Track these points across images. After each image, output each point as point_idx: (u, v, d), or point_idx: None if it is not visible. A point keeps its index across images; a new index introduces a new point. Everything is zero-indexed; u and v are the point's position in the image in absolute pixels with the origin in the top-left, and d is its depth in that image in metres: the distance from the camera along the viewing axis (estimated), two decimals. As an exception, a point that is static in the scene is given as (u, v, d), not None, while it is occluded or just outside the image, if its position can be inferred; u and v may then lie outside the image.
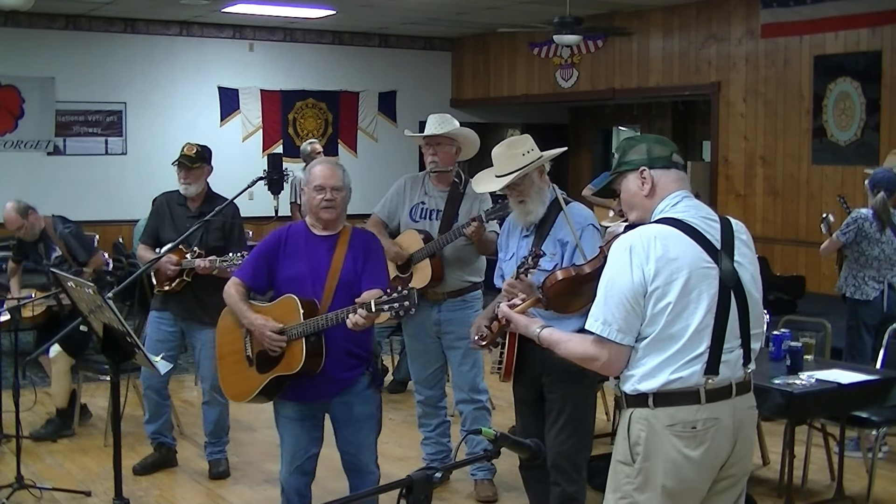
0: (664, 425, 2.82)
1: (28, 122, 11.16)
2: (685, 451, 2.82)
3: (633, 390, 2.86)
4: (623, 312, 2.79)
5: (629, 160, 3.01)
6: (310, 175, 4.04)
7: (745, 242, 2.95)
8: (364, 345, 3.99)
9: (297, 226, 4.13)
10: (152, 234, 5.57)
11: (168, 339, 5.53)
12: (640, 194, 2.98)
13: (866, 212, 6.38)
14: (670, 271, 2.78)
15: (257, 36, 12.45)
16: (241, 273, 4.13)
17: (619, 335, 2.80)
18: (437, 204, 5.18)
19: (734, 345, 2.86)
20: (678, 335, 2.79)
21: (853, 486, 5.39)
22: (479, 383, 5.26)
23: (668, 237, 2.82)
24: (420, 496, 2.16)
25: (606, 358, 2.84)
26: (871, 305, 6.36)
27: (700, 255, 2.81)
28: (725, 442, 2.87)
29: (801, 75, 9.51)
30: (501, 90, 13.11)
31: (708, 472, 2.88)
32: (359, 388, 4.00)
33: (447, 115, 5.25)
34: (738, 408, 2.89)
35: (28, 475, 5.24)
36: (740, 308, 2.85)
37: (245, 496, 5.40)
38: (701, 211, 2.93)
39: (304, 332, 3.83)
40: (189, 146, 5.51)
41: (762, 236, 9.88)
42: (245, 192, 5.06)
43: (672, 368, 2.80)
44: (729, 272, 2.84)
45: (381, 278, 3.93)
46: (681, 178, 2.99)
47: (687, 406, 2.81)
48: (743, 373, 2.89)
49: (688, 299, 2.78)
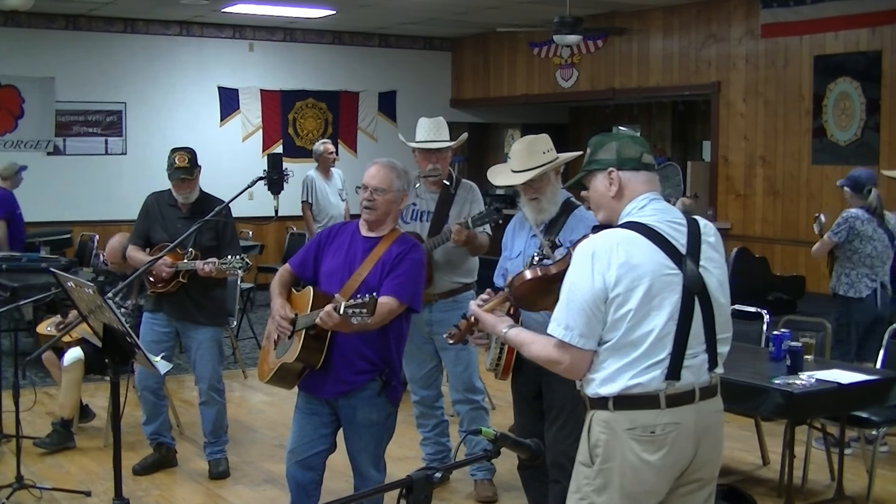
0: (624, 429, 2.82)
1: (28, 122, 11.16)
2: (643, 456, 2.81)
3: (594, 393, 2.86)
4: (584, 318, 2.79)
5: (598, 159, 2.98)
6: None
7: (712, 245, 2.92)
8: (380, 351, 3.94)
9: (352, 224, 4.14)
10: (142, 235, 5.56)
11: (162, 339, 5.52)
12: (607, 195, 2.96)
13: (857, 210, 6.41)
14: (632, 278, 2.77)
15: (257, 36, 12.44)
16: (292, 260, 4.17)
17: (580, 340, 2.80)
18: (428, 206, 5.22)
19: (698, 350, 2.85)
20: (639, 341, 2.78)
21: (853, 486, 5.39)
22: (474, 383, 5.27)
23: (632, 243, 2.81)
24: (420, 496, 2.16)
25: (569, 362, 2.84)
26: (864, 303, 6.38)
27: (663, 262, 2.80)
28: (687, 446, 2.85)
29: (801, 75, 9.51)
30: (501, 90, 13.10)
31: (667, 476, 2.86)
32: (367, 393, 3.96)
33: (440, 120, 5.31)
34: (702, 412, 2.87)
35: (28, 475, 5.24)
36: (705, 313, 2.84)
37: (245, 496, 5.40)
38: (668, 214, 2.91)
39: (304, 324, 3.85)
40: (180, 156, 5.42)
41: (762, 236, 9.88)
42: (245, 192, 5.06)
43: (632, 373, 2.79)
44: (694, 278, 2.82)
45: (401, 289, 3.85)
46: (650, 179, 2.97)
47: (647, 410, 2.81)
48: (708, 378, 2.88)
49: (649, 306, 2.77)
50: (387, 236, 3.99)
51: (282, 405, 6.92)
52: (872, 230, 6.36)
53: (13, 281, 8.20)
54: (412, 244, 4.02)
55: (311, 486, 4.11)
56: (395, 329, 3.95)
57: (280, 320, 3.95)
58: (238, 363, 8.27)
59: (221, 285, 5.75)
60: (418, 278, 3.98)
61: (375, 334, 3.89)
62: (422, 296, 4.07)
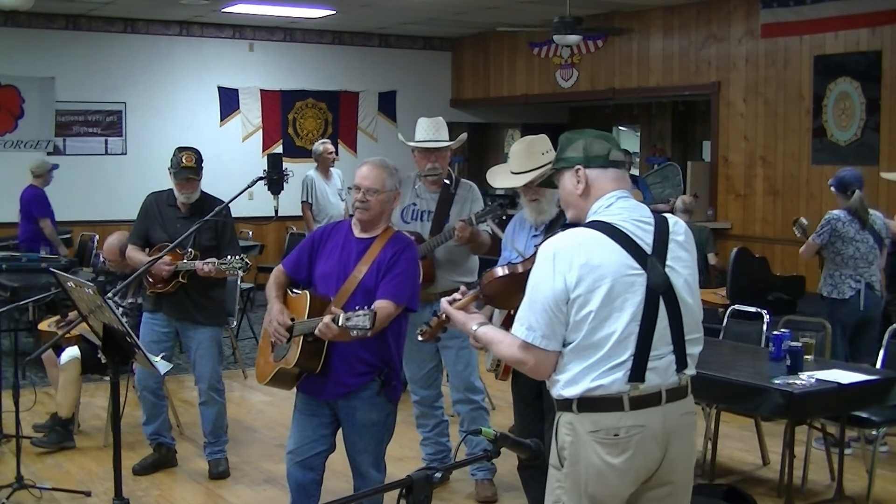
0: (587, 431, 2.79)
1: (28, 122, 11.15)
2: (606, 458, 2.78)
3: (558, 395, 2.84)
4: (546, 318, 2.77)
5: (566, 157, 2.96)
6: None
7: (680, 244, 2.88)
8: (378, 353, 3.94)
9: (344, 223, 4.13)
10: (141, 235, 5.55)
11: (162, 339, 5.52)
12: (574, 193, 2.94)
13: (838, 212, 6.44)
14: (593, 279, 2.74)
15: (257, 36, 12.44)
16: (285, 262, 4.16)
17: (543, 341, 2.78)
18: (428, 205, 5.21)
19: (664, 351, 2.81)
20: (601, 343, 2.76)
21: (853, 486, 5.39)
22: (474, 382, 5.26)
23: (594, 243, 2.78)
24: (420, 496, 2.16)
25: (533, 363, 2.83)
26: (848, 304, 6.40)
27: (626, 262, 2.77)
28: (653, 449, 2.81)
29: (801, 75, 9.51)
30: (501, 90, 13.10)
31: (631, 479, 2.82)
32: (366, 394, 3.95)
33: (440, 120, 5.31)
34: (669, 415, 2.83)
35: (28, 475, 5.24)
36: (671, 314, 2.80)
37: (245, 496, 5.40)
38: (634, 213, 2.87)
39: (302, 330, 3.85)
40: (187, 156, 5.42)
41: (762, 236, 9.88)
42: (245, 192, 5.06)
43: (593, 375, 2.77)
44: (658, 278, 2.79)
45: (398, 291, 3.85)
46: (618, 177, 2.93)
47: (610, 413, 2.78)
48: (677, 379, 2.84)
49: (611, 307, 2.74)
50: (380, 236, 3.98)
51: (282, 405, 6.91)
52: (854, 232, 6.37)
53: (13, 281, 8.20)
54: (406, 243, 4.01)
55: (312, 486, 4.11)
56: (393, 329, 3.94)
57: (277, 327, 3.93)
58: (238, 363, 8.27)
59: (221, 285, 5.75)
60: (414, 277, 3.97)
61: (374, 337, 3.88)
62: (419, 294, 4.06)
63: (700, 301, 2.94)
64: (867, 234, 6.38)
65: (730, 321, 6.19)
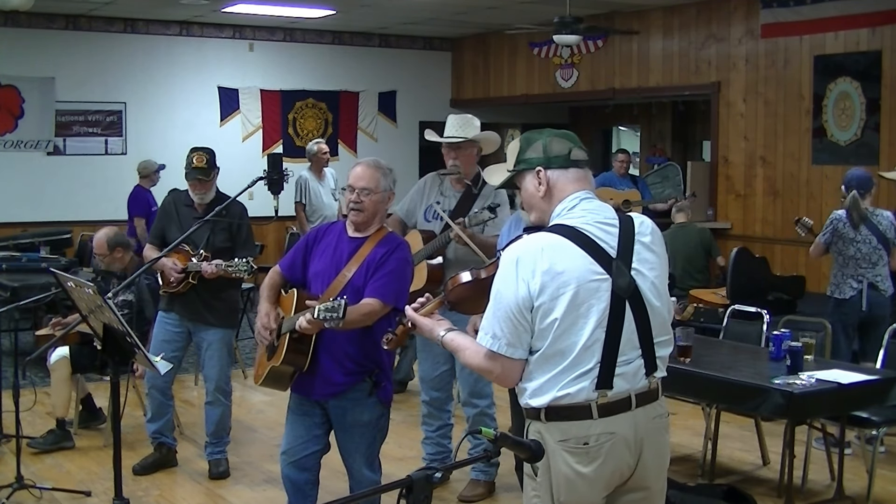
0: (556, 440, 2.74)
1: (28, 122, 11.15)
2: (576, 467, 2.73)
3: (525, 404, 2.80)
4: (510, 326, 2.71)
5: (526, 158, 2.89)
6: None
7: (646, 246, 2.81)
8: (369, 353, 3.93)
9: (338, 224, 4.13)
10: (159, 235, 5.55)
11: (174, 339, 5.52)
12: (536, 195, 2.87)
13: (841, 213, 6.44)
14: (557, 286, 2.67)
15: (257, 36, 12.44)
16: (282, 262, 4.17)
17: (508, 349, 2.73)
18: (450, 204, 5.12)
19: (632, 356, 2.75)
20: (567, 351, 2.70)
21: (853, 486, 5.39)
22: (481, 388, 5.19)
23: (556, 249, 2.71)
24: (420, 496, 2.16)
25: (500, 371, 2.77)
26: (849, 304, 6.40)
27: (590, 268, 2.70)
28: (625, 455, 2.76)
29: (801, 75, 9.51)
30: (501, 90, 13.10)
31: (601, 486, 2.78)
32: (356, 394, 3.95)
33: (468, 116, 5.16)
34: (640, 419, 2.78)
35: (28, 475, 5.25)
36: (638, 318, 2.74)
37: (245, 496, 5.40)
38: (598, 214, 2.80)
39: (287, 327, 3.88)
40: (198, 157, 5.39)
41: (762, 236, 9.88)
42: (245, 192, 5.06)
43: (560, 384, 2.71)
44: (623, 283, 2.72)
45: (385, 290, 3.84)
46: (580, 177, 2.86)
47: (578, 421, 2.73)
48: (646, 383, 2.79)
49: (576, 314, 2.68)
50: (373, 236, 3.98)
51: (281, 405, 6.86)
52: (855, 233, 6.36)
53: (13, 281, 8.21)
54: (397, 243, 4.00)
55: (307, 486, 4.11)
56: (382, 329, 3.93)
57: (261, 329, 3.98)
58: (238, 363, 8.26)
59: (233, 287, 5.69)
60: (403, 277, 3.95)
61: (362, 335, 3.88)
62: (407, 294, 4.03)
63: (669, 302, 2.87)
64: (870, 235, 6.37)
65: (730, 321, 6.19)
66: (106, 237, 6.04)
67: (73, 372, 6.10)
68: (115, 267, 6.09)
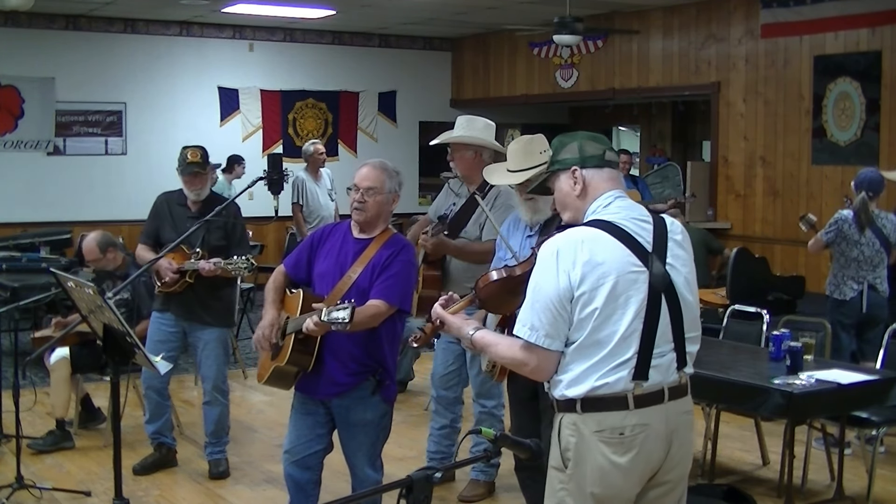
0: (592, 431, 2.78)
1: (28, 122, 11.15)
2: (612, 458, 2.77)
3: (561, 395, 2.83)
4: (550, 317, 2.75)
5: (561, 159, 2.95)
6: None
7: (679, 243, 2.89)
8: (373, 353, 3.94)
9: (344, 224, 4.13)
10: (152, 235, 5.55)
11: (169, 339, 5.51)
12: (572, 194, 2.93)
13: (847, 213, 6.41)
14: (597, 276, 2.73)
15: (257, 36, 12.44)
16: (286, 262, 4.17)
17: (546, 340, 2.76)
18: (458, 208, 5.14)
19: (666, 349, 2.81)
20: (605, 341, 2.75)
21: (853, 486, 5.39)
22: (488, 389, 5.18)
23: (596, 241, 2.77)
24: (420, 496, 2.16)
25: (535, 363, 2.81)
26: (849, 305, 6.39)
27: (628, 259, 2.77)
28: (657, 447, 2.81)
29: (801, 75, 9.51)
30: (501, 90, 13.10)
31: (636, 478, 2.82)
32: (360, 393, 3.96)
33: (473, 118, 5.10)
34: (671, 413, 2.84)
35: (28, 475, 5.25)
36: (672, 312, 2.81)
37: (245, 496, 5.40)
38: (633, 212, 2.88)
39: (293, 328, 3.88)
40: (192, 152, 5.42)
41: (762, 236, 9.88)
42: (245, 192, 5.06)
43: (598, 374, 2.76)
44: (660, 276, 2.79)
45: (390, 292, 3.85)
46: (613, 176, 2.95)
47: (615, 412, 2.77)
48: (677, 377, 2.85)
49: (615, 304, 2.74)
50: (378, 237, 3.98)
51: (282, 405, 6.91)
52: (860, 235, 6.35)
53: (13, 281, 8.21)
54: (402, 245, 4.00)
55: (310, 485, 4.12)
56: (387, 330, 3.95)
57: (261, 338, 3.97)
58: (238, 363, 8.27)
59: (230, 286, 5.71)
60: (408, 279, 3.96)
61: (367, 335, 3.88)
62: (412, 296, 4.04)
63: (698, 299, 2.95)
64: (873, 238, 6.36)
65: (730, 321, 6.19)
66: (95, 242, 6.05)
67: (73, 372, 6.10)
68: (110, 267, 6.10)
